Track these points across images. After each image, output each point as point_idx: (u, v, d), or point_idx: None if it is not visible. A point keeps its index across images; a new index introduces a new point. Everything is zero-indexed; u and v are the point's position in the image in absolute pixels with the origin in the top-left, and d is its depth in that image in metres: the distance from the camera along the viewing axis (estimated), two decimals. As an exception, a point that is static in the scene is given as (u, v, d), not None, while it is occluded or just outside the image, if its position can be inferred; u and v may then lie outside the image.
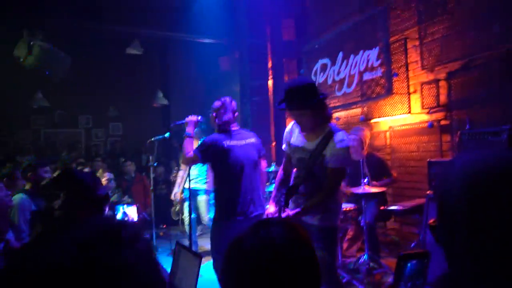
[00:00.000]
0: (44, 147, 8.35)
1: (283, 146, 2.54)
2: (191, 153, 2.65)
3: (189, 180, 3.23)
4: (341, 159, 2.19)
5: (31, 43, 5.35)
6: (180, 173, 4.70)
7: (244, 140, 2.77)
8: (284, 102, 2.23)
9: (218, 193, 2.74)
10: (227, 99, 2.79)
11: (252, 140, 2.83)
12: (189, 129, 2.76)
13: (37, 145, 8.38)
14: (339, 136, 2.23)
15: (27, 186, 3.25)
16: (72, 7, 6.00)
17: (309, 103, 2.18)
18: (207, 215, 4.48)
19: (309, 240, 0.87)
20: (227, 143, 2.69)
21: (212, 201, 3.75)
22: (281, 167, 2.59)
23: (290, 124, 2.49)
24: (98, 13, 6.18)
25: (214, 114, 2.76)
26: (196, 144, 2.79)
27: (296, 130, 2.43)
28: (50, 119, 8.72)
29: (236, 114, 2.80)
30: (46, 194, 1.54)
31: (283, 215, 2.25)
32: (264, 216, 2.49)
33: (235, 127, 2.79)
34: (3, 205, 2.00)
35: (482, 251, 0.63)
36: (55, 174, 1.63)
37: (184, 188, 4.49)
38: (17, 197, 3.02)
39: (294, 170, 2.45)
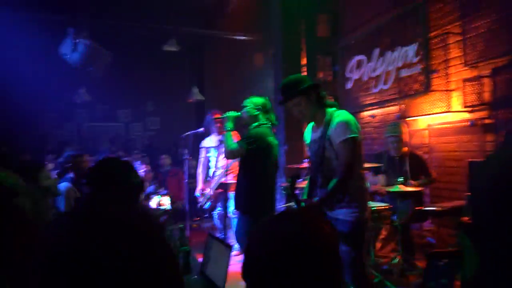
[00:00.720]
0: (86, 140, 8.79)
1: (307, 151, 2.57)
2: (235, 146, 2.72)
3: (226, 174, 3.29)
4: (344, 129, 2.19)
5: (76, 40, 5.65)
6: (200, 168, 4.76)
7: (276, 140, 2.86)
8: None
9: (258, 188, 2.78)
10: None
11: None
12: (229, 124, 2.83)
13: (80, 138, 8.84)
14: (338, 113, 2.28)
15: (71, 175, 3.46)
16: (113, 6, 6.26)
17: (296, 90, 2.29)
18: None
19: (330, 229, 0.87)
20: (271, 140, 2.77)
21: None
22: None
23: (306, 128, 2.54)
24: (137, 12, 6.41)
25: (259, 108, 2.85)
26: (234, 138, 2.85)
27: (308, 129, 2.50)
28: (92, 113, 9.16)
29: None
30: (87, 182, 1.62)
31: (303, 206, 2.26)
32: None
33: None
34: None
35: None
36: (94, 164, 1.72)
37: (214, 182, 4.56)
38: (63, 185, 3.22)
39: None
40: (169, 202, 2.71)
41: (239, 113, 2.91)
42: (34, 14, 5.75)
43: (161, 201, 2.71)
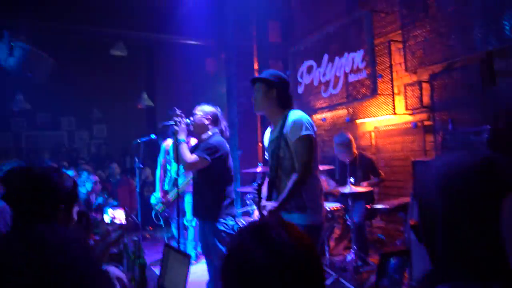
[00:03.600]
0: (26, 151, 8.16)
1: (265, 155, 2.55)
2: (196, 158, 2.65)
3: (177, 182, 3.22)
4: (299, 127, 2.21)
5: (12, 44, 5.24)
6: (156, 176, 4.64)
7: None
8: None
9: (220, 195, 2.75)
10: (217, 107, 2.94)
11: None
12: (182, 135, 2.75)
13: (18, 149, 8.19)
14: (293, 112, 2.32)
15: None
16: (54, 8, 5.90)
17: (261, 77, 2.38)
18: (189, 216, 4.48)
19: (309, 239, 0.85)
20: (227, 147, 2.80)
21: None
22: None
23: (266, 132, 2.56)
24: (82, 14, 6.09)
25: (209, 118, 2.81)
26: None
27: (268, 132, 2.51)
28: (32, 122, 8.53)
29: None
30: (7, 197, 1.43)
31: (263, 212, 2.26)
32: (252, 219, 2.50)
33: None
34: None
35: (458, 249, 0.66)
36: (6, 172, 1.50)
37: (171, 190, 4.44)
38: None
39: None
40: (124, 215, 2.58)
41: (189, 121, 2.85)
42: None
43: (115, 215, 2.57)
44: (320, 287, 0.82)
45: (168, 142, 4.47)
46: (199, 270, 3.54)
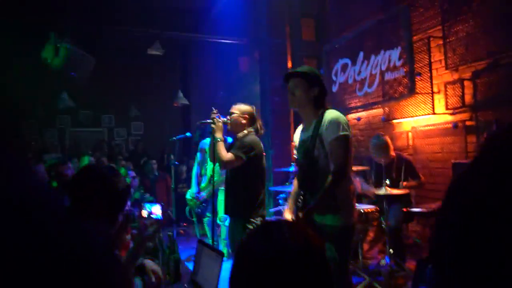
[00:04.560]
0: (69, 146, 8.61)
1: (294, 154, 2.52)
2: (231, 156, 2.69)
3: (213, 180, 3.28)
4: (336, 127, 2.17)
5: (58, 45, 5.54)
6: (193, 173, 4.73)
7: None
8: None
9: (252, 195, 2.77)
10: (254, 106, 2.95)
11: None
12: (218, 134, 2.78)
13: (63, 144, 8.65)
14: (330, 111, 2.28)
15: (54, 184, 3.37)
16: (96, 10, 6.17)
17: (302, 72, 2.32)
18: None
19: (320, 242, 0.86)
20: (262, 146, 2.84)
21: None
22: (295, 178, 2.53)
23: (297, 130, 2.52)
24: (121, 16, 6.33)
25: (245, 117, 2.84)
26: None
27: (299, 131, 2.47)
28: (75, 119, 8.99)
29: None
30: (69, 191, 1.56)
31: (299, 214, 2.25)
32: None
33: None
34: None
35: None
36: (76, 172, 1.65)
37: (206, 187, 4.52)
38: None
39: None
40: (160, 210, 2.67)
41: (227, 120, 2.88)
42: (15, 18, 5.62)
43: (152, 210, 2.66)
44: (324, 287, 0.83)
45: (206, 141, 4.55)
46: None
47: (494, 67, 3.54)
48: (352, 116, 5.44)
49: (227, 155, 2.70)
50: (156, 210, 2.67)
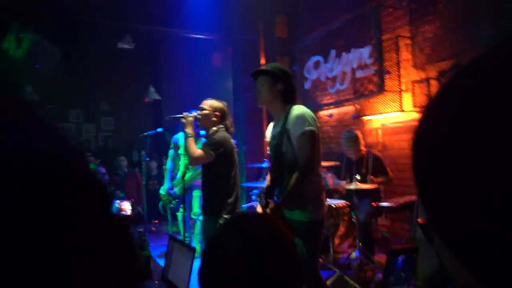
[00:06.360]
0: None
1: (267, 150, 2.54)
2: (200, 152, 2.67)
3: (184, 176, 3.24)
4: (302, 122, 2.19)
5: (21, 35, 5.28)
6: (166, 168, 4.66)
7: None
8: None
9: (224, 191, 2.75)
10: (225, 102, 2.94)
11: None
12: (189, 129, 2.76)
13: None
14: (296, 107, 2.29)
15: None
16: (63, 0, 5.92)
17: (267, 70, 2.36)
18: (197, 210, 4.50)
19: (290, 235, 0.87)
20: (232, 142, 2.81)
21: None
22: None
23: (269, 126, 2.55)
24: (90, 6, 6.12)
25: (216, 113, 2.81)
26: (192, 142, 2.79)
27: (271, 126, 2.50)
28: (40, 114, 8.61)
29: None
30: None
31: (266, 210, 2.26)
32: None
33: None
34: None
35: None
36: None
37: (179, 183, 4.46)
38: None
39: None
40: (130, 207, 2.61)
41: (197, 115, 2.86)
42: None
43: (121, 206, 2.60)
44: (293, 282, 0.83)
45: (179, 135, 4.49)
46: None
47: (457, 67, 3.69)
48: (324, 112, 5.52)
49: (196, 152, 2.69)
50: (126, 207, 2.61)
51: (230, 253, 0.80)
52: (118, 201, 2.76)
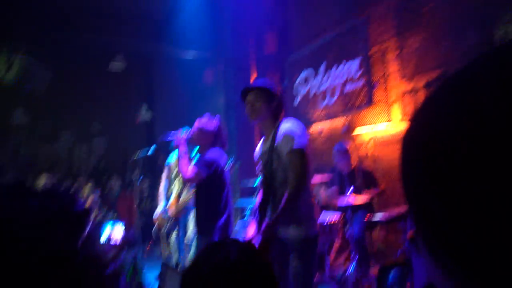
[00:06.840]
0: (24, 165, 8.15)
1: (257, 168, 2.49)
2: (192, 171, 2.65)
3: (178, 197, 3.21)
4: (290, 140, 2.15)
5: (11, 58, 5.28)
6: (160, 189, 4.60)
7: None
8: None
9: (215, 210, 2.73)
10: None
11: None
12: (182, 149, 2.75)
13: (16, 163, 8.17)
14: (286, 121, 2.27)
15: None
16: (54, 19, 5.95)
17: (261, 84, 2.32)
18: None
19: (267, 263, 0.89)
20: (225, 160, 2.79)
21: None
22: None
23: (259, 144, 2.52)
24: (81, 26, 6.15)
25: (210, 130, 2.80)
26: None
27: (260, 144, 2.47)
28: (30, 136, 8.53)
29: None
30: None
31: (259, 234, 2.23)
32: (244, 239, 2.40)
33: None
34: None
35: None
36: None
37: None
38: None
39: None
40: (122, 229, 2.56)
41: (189, 133, 2.86)
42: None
43: (112, 233, 2.54)
44: None
45: (171, 158, 4.45)
46: None
47: (445, 77, 3.74)
48: (314, 128, 5.54)
49: (188, 171, 2.67)
50: (117, 232, 2.57)
51: (203, 278, 0.82)
52: (109, 224, 2.71)
